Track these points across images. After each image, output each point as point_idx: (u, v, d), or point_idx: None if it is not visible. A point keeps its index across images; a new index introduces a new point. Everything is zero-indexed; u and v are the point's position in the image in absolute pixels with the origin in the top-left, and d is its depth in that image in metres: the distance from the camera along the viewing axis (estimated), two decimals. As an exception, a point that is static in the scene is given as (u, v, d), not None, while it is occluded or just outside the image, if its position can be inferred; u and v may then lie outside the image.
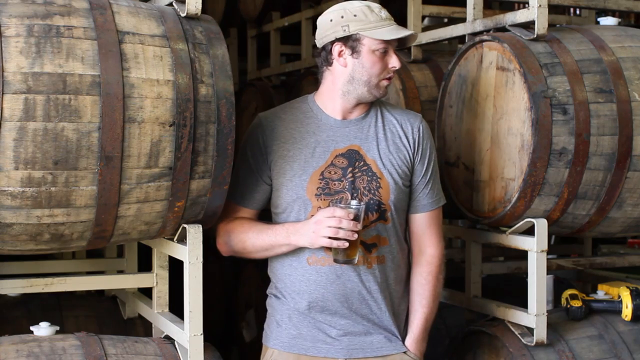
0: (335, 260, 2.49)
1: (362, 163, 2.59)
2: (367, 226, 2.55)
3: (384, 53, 2.56)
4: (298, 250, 2.57)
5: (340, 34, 2.56)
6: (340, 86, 2.61)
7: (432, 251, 2.68)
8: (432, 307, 2.68)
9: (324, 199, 2.56)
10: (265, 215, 2.73)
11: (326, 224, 2.43)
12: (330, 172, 2.58)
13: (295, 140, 2.61)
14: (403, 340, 2.65)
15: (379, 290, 2.59)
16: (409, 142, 2.64)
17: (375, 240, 2.59)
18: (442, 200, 2.73)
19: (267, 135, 2.63)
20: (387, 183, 2.59)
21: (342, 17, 2.57)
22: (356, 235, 2.43)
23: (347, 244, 2.43)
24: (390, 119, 2.67)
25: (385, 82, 2.59)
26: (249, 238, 2.61)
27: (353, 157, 2.60)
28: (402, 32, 2.55)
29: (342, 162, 2.59)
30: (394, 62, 2.57)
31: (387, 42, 2.55)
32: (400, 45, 2.64)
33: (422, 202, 2.67)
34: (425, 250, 2.68)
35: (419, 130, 2.66)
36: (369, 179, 2.58)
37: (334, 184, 2.57)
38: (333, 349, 2.58)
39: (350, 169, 2.58)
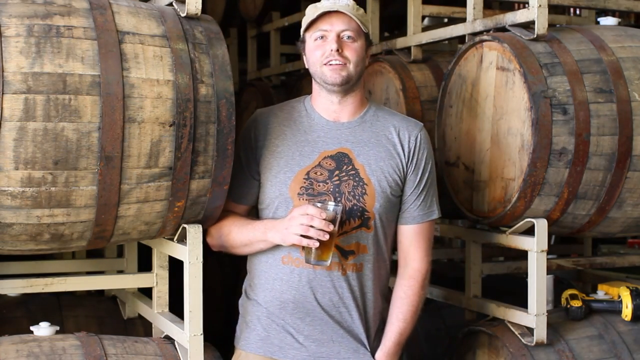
0: (307, 261, 2.44)
1: (350, 167, 2.55)
2: (347, 232, 2.52)
3: (322, 39, 2.53)
4: (275, 249, 2.55)
5: (300, 40, 2.63)
6: (313, 85, 2.63)
7: (416, 265, 2.61)
8: (409, 322, 2.61)
9: (306, 199, 2.52)
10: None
11: (298, 221, 2.39)
12: (316, 173, 2.54)
13: (285, 137, 2.59)
14: (374, 352, 2.59)
15: (352, 297, 2.54)
16: (403, 150, 2.59)
17: (354, 247, 2.54)
18: (434, 214, 2.65)
19: (259, 131, 2.62)
20: (374, 190, 2.53)
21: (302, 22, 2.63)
22: (328, 236, 2.37)
23: (317, 244, 2.37)
24: (387, 125, 2.62)
25: (326, 67, 2.52)
26: (232, 232, 2.59)
27: (342, 160, 2.56)
28: (319, 12, 2.50)
29: (330, 164, 2.55)
30: (328, 45, 2.51)
31: (319, 28, 2.52)
32: (345, 25, 2.51)
33: (412, 213, 2.61)
34: (409, 264, 2.62)
35: (416, 139, 2.60)
36: (354, 184, 2.53)
37: (319, 185, 2.53)
38: (300, 355, 2.55)
39: (337, 172, 2.54)
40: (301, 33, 2.61)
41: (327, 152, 2.57)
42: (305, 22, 2.56)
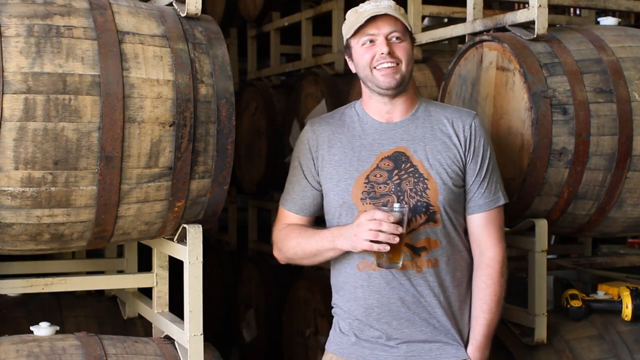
0: (379, 265, 2.43)
1: (408, 165, 2.53)
2: (415, 229, 2.49)
3: (371, 43, 2.51)
4: (348, 257, 2.53)
5: (344, 45, 2.61)
6: (363, 89, 2.61)
7: (491, 253, 2.58)
8: (495, 312, 2.59)
9: (370, 203, 2.50)
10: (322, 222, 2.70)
11: (366, 227, 2.36)
12: (375, 176, 2.52)
13: (341, 144, 2.57)
14: (466, 345, 2.58)
15: (432, 294, 2.52)
16: (459, 140, 2.56)
17: (425, 243, 2.52)
18: (501, 200, 2.61)
19: (315, 141, 2.60)
20: (435, 184, 2.51)
21: (342, 28, 2.61)
22: (398, 239, 2.35)
23: (388, 248, 2.35)
24: (439, 118, 2.60)
25: (378, 72, 2.50)
26: (299, 244, 2.56)
27: (399, 159, 2.54)
28: (365, 17, 2.48)
29: (388, 165, 2.53)
30: (378, 48, 2.49)
31: (366, 33, 2.50)
32: (392, 27, 2.51)
33: (478, 202, 2.58)
34: (484, 253, 2.59)
35: (470, 127, 2.57)
36: (415, 180, 2.51)
37: (380, 187, 2.51)
38: (391, 357, 2.53)
39: (396, 171, 2.52)
40: (344, 39, 2.59)
41: (384, 154, 2.55)
42: (351, 28, 2.53)
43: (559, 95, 2.88)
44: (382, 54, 2.49)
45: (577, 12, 5.36)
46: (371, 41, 2.51)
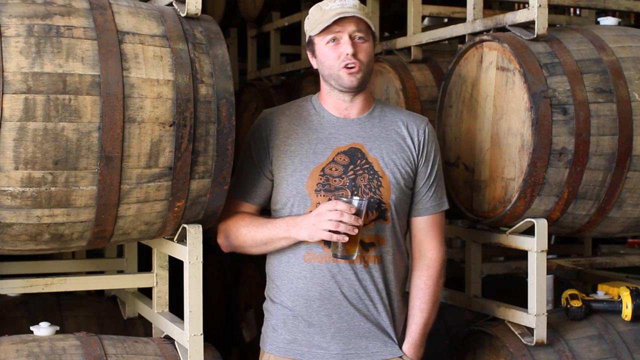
0: (334, 255, 2.48)
1: (364, 161, 2.59)
2: (366, 225, 2.54)
3: (335, 42, 2.54)
4: (295, 248, 2.57)
5: (306, 41, 2.65)
6: (323, 85, 2.66)
7: (433, 255, 2.67)
8: (432, 312, 2.67)
9: (324, 195, 2.55)
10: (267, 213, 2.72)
11: (327, 217, 2.42)
12: (331, 169, 2.58)
13: (297, 135, 2.61)
14: (400, 344, 2.63)
15: (376, 290, 2.58)
16: (413, 143, 2.64)
17: (374, 239, 2.58)
18: (445, 205, 2.72)
19: (271, 131, 2.63)
20: (389, 182, 2.58)
21: (305, 23, 2.66)
22: (357, 231, 2.42)
23: (346, 239, 2.42)
24: (394, 120, 2.67)
25: (344, 71, 2.54)
26: (249, 232, 2.60)
27: (355, 154, 2.60)
28: (333, 18, 2.51)
29: (344, 160, 2.59)
30: (343, 48, 2.53)
31: (332, 32, 2.53)
32: (356, 26, 2.53)
33: (425, 205, 2.67)
34: (426, 254, 2.67)
35: (424, 132, 2.66)
36: (370, 177, 2.58)
37: (335, 181, 2.56)
38: (328, 354, 2.57)
39: (351, 166, 2.58)
40: (307, 35, 2.63)
41: (340, 148, 2.60)
42: (315, 26, 2.56)
43: (559, 95, 2.88)
44: (347, 54, 2.53)
45: (577, 12, 5.36)
46: (334, 39, 2.54)
